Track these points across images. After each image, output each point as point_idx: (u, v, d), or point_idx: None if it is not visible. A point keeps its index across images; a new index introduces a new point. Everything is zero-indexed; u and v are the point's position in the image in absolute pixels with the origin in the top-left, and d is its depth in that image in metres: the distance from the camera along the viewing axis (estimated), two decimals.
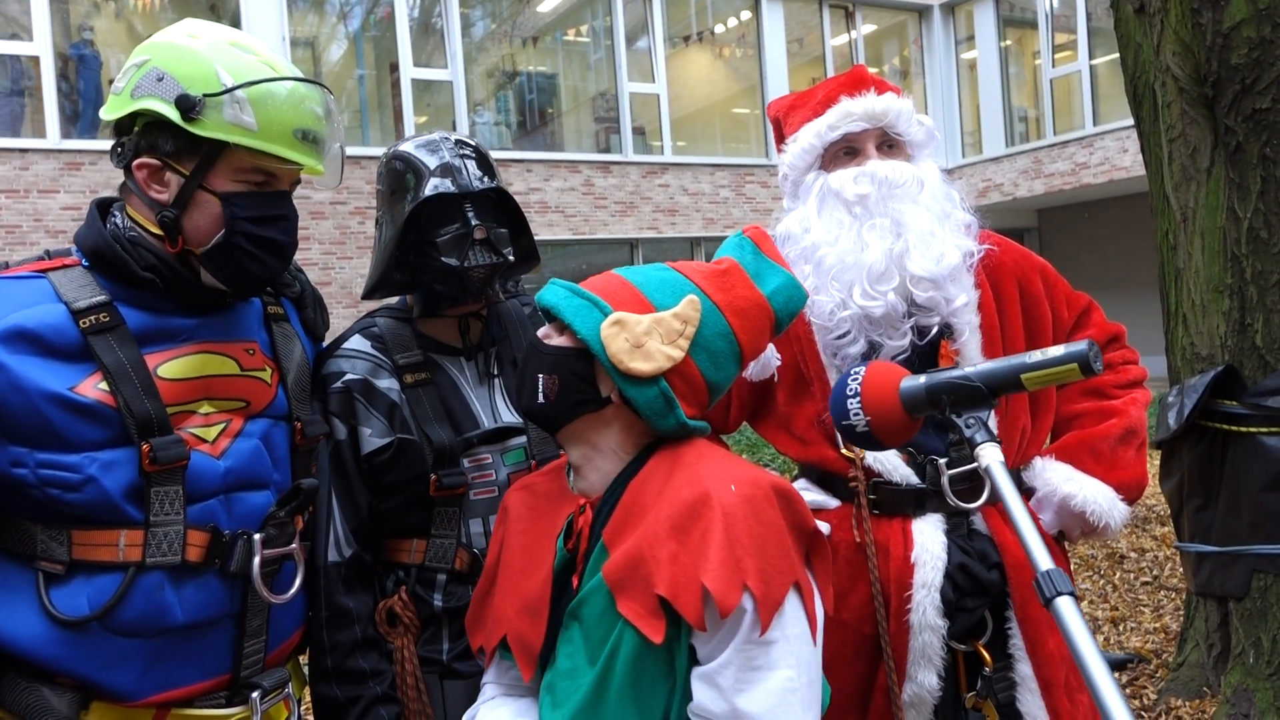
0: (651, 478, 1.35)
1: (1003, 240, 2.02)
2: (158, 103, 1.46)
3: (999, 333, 1.92)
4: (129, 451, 1.44)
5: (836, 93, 1.94)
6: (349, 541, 1.74)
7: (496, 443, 1.81)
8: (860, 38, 16.30)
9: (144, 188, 1.51)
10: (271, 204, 1.54)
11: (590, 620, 1.31)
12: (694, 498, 1.27)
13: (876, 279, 1.82)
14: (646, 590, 1.24)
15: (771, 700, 1.21)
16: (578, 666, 1.31)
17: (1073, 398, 2.04)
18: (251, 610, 1.56)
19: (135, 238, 1.52)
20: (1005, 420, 1.91)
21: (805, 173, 1.98)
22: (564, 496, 1.47)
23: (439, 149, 1.78)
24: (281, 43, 11.60)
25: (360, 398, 1.76)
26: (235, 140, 1.47)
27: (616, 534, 1.32)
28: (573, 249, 14.05)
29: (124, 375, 1.44)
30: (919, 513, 1.82)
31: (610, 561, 1.29)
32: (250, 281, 1.57)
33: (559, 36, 14.91)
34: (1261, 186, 3.10)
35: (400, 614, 1.75)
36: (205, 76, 1.47)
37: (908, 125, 1.93)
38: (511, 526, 1.50)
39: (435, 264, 1.74)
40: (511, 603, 1.43)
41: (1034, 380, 1.16)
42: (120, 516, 1.44)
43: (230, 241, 1.50)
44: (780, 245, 1.96)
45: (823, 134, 1.92)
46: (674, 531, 1.25)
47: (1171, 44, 3.23)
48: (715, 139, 15.94)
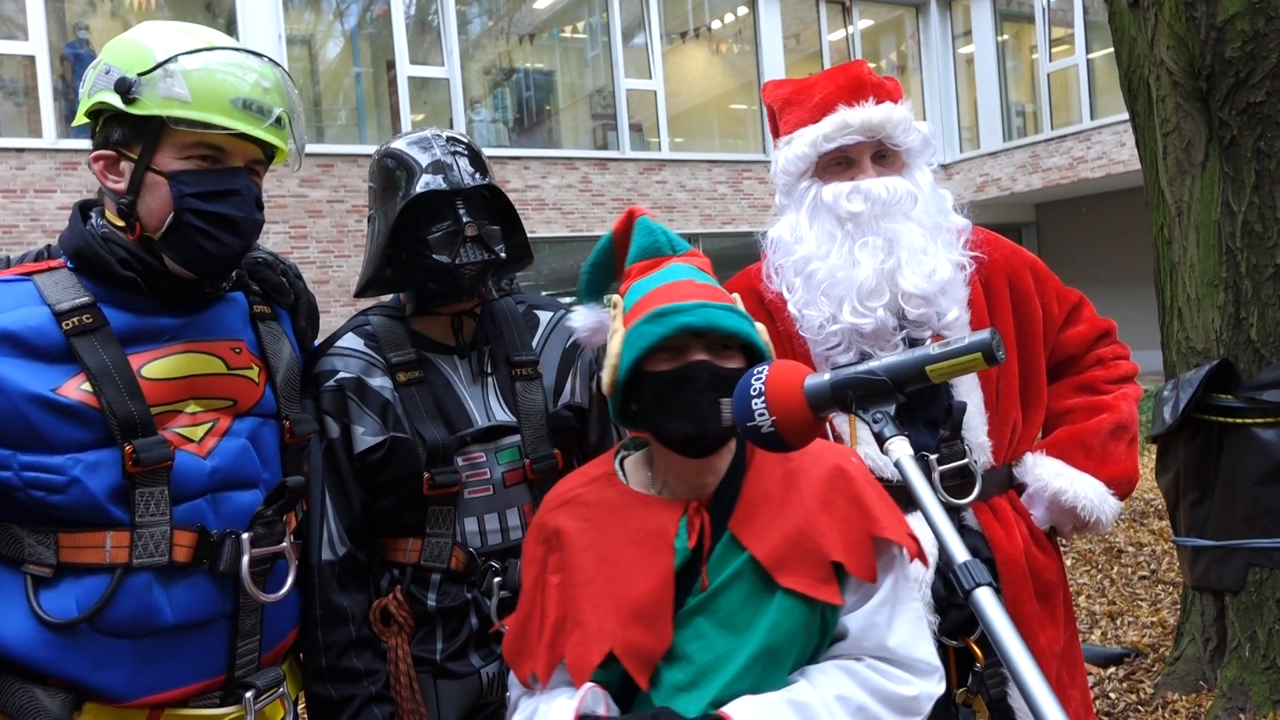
0: (764, 470, 1.45)
1: (994, 237, 2.02)
2: (105, 94, 1.48)
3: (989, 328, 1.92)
4: (113, 453, 1.44)
5: (835, 99, 1.91)
6: (343, 540, 1.74)
7: (490, 441, 1.80)
8: (857, 33, 16.28)
9: (102, 179, 1.52)
10: (219, 180, 1.52)
11: (729, 608, 1.37)
12: (829, 473, 1.43)
13: (867, 295, 1.82)
14: (818, 561, 1.36)
15: (910, 629, 1.40)
16: (718, 655, 1.35)
17: (1064, 393, 2.05)
18: (244, 610, 1.55)
19: (107, 234, 1.52)
20: (996, 416, 1.91)
21: (799, 178, 1.97)
22: (633, 502, 1.46)
23: (430, 146, 1.78)
24: (278, 41, 11.58)
25: (353, 396, 1.75)
26: (170, 113, 1.46)
27: (744, 524, 1.40)
28: (570, 246, 14.04)
29: (107, 376, 1.44)
30: (910, 509, 1.77)
31: (765, 544, 1.37)
32: (209, 261, 1.54)
33: (556, 33, 14.89)
34: (1256, 180, 3.10)
35: (395, 613, 1.74)
36: (142, 58, 1.48)
37: (904, 135, 1.92)
38: (573, 544, 1.44)
39: (427, 261, 1.73)
40: (610, 616, 1.36)
41: (938, 372, 1.13)
42: (106, 518, 1.43)
43: (180, 220, 1.49)
44: (771, 251, 1.98)
45: (818, 144, 1.90)
46: (824, 506, 1.40)
47: (1166, 38, 3.23)
48: (713, 135, 15.93)
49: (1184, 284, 3.40)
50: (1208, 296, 3.29)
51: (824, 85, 1.95)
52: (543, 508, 1.55)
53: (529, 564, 1.52)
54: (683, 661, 1.36)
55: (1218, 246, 3.25)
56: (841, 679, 1.34)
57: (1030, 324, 1.99)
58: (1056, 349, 2.06)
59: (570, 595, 1.42)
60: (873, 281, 1.82)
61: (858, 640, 1.38)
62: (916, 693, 1.35)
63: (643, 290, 1.45)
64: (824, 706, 1.30)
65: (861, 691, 1.32)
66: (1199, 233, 3.31)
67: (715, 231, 14.48)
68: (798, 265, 1.90)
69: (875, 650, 1.37)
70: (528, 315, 1.93)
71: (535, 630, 1.45)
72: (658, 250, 1.54)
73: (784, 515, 1.39)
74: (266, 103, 1.53)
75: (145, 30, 1.54)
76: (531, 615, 1.47)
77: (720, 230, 14.50)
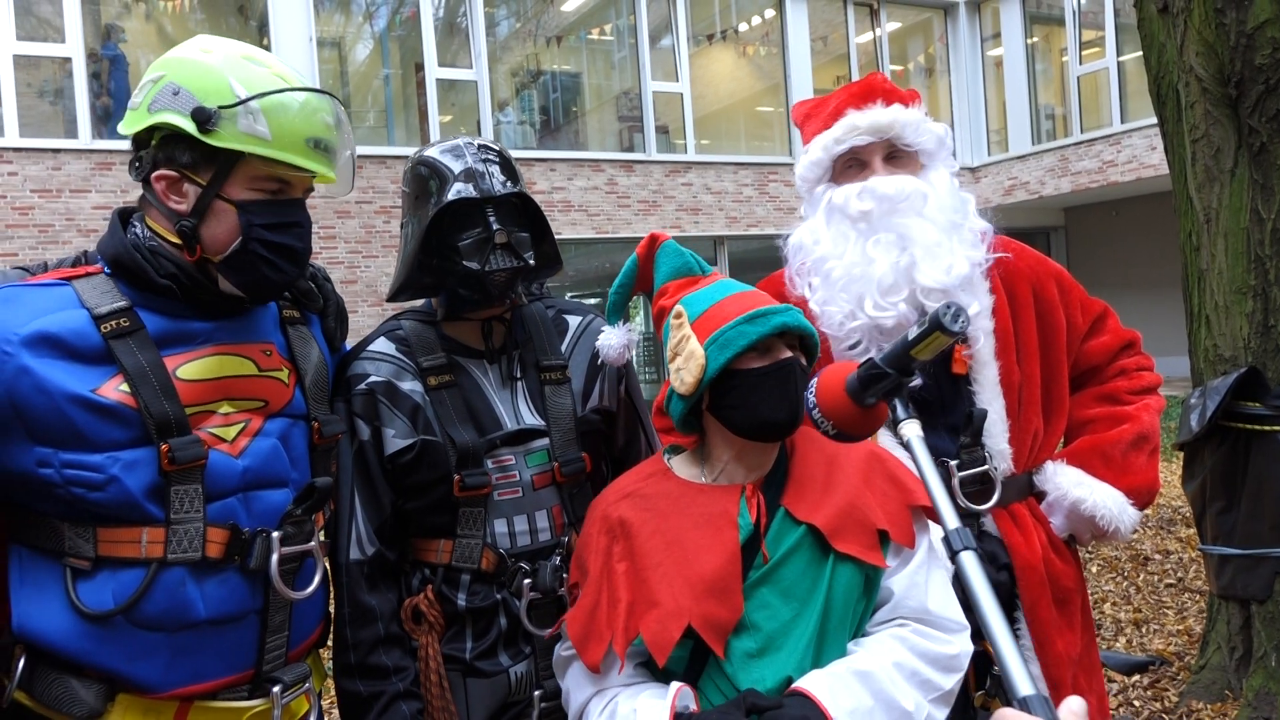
0: (806, 454, 1.63)
1: (1018, 246, 2.04)
2: (175, 116, 1.51)
3: (1013, 338, 1.93)
4: (149, 451, 1.48)
5: (845, 104, 1.98)
6: (371, 540, 1.77)
7: (519, 444, 1.83)
8: (885, 35, 16.22)
9: (163, 199, 1.56)
10: (286, 211, 1.59)
11: (790, 577, 1.51)
12: (866, 456, 1.63)
13: (886, 291, 1.85)
14: (867, 529, 1.53)
15: (943, 590, 1.57)
16: (784, 621, 1.49)
17: (1086, 403, 2.05)
18: (274, 606, 1.59)
19: (155, 247, 1.57)
20: (1018, 424, 1.92)
21: (816, 184, 2.03)
22: (691, 491, 1.61)
23: (463, 154, 1.81)
24: (308, 43, 11.71)
25: (384, 399, 1.79)
26: (250, 150, 1.52)
27: (797, 501, 1.56)
28: (596, 248, 14.09)
29: (143, 377, 1.49)
30: None
31: (820, 516, 1.53)
32: (267, 287, 1.61)
33: (583, 35, 14.95)
34: None
35: (426, 612, 1.77)
36: (219, 89, 1.52)
37: (916, 135, 1.95)
38: (639, 532, 1.57)
39: (457, 268, 1.76)
40: (684, 593, 1.49)
41: (919, 352, 1.24)
42: (142, 514, 1.47)
43: (247, 249, 1.55)
44: (792, 255, 2.02)
45: (829, 147, 1.97)
46: (865, 482, 1.58)
47: (1195, 44, 3.21)
48: (739, 137, 15.93)
49: (1212, 291, 3.38)
50: (1236, 304, 3.28)
51: (839, 96, 2.02)
52: (603, 502, 1.67)
53: (594, 554, 1.61)
54: (751, 631, 1.49)
55: (1246, 254, 3.24)
56: (895, 646, 1.49)
57: (1054, 333, 2.00)
58: (1080, 359, 2.07)
59: (641, 579, 1.53)
60: (890, 277, 1.85)
61: (903, 600, 1.54)
62: (957, 651, 1.53)
63: (708, 300, 1.61)
64: (885, 673, 1.44)
65: (913, 656, 1.49)
66: (1227, 240, 3.29)
67: (741, 234, 14.48)
68: (815, 265, 1.96)
69: (918, 612, 1.54)
70: (556, 320, 1.96)
71: (604, 615, 1.55)
72: (690, 271, 1.72)
73: (832, 492, 1.57)
74: (333, 141, 1.61)
75: (213, 53, 1.57)
76: (600, 602, 1.56)
77: (746, 233, 14.49)
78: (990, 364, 1.91)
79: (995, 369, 1.92)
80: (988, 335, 1.91)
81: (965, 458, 1.86)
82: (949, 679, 1.50)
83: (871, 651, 1.49)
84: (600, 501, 1.68)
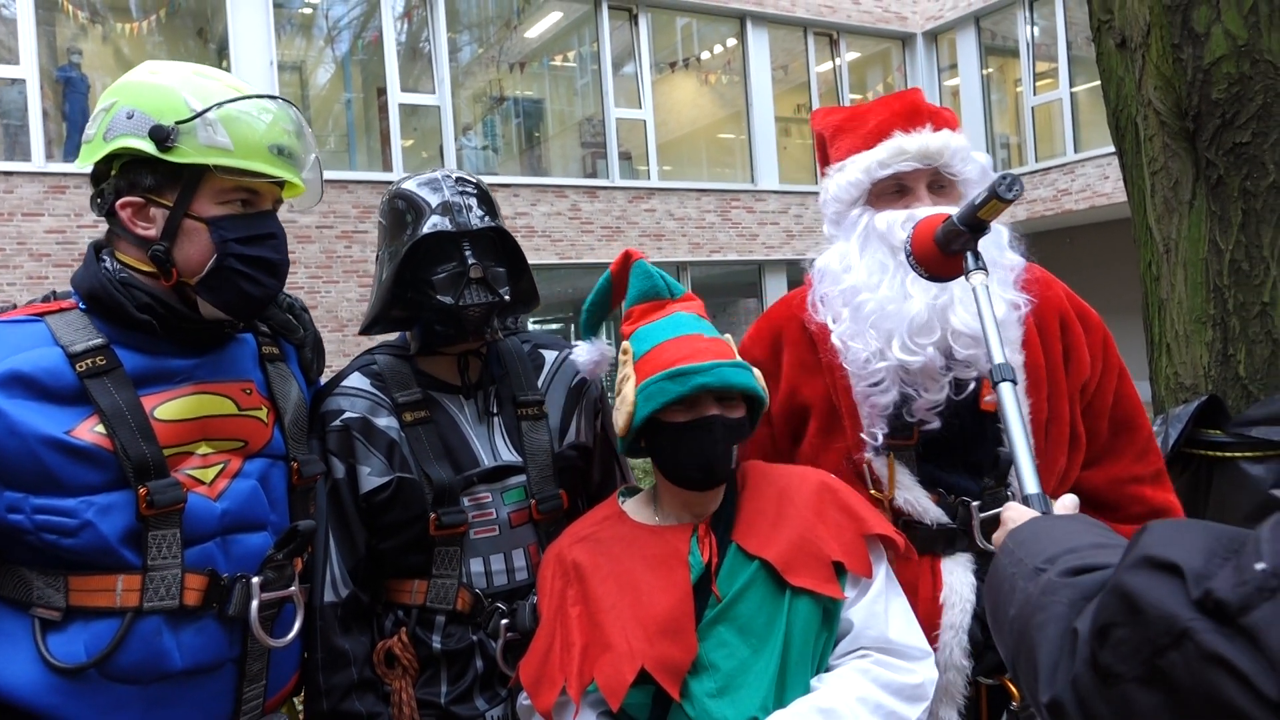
0: (757, 488, 1.64)
1: (1048, 277, 1.95)
2: (132, 139, 1.47)
3: (1044, 374, 1.82)
4: (126, 495, 1.43)
5: (890, 125, 1.82)
6: (346, 582, 1.73)
7: (496, 481, 1.80)
8: (844, 65, 16.45)
9: (130, 226, 1.51)
10: (258, 224, 1.55)
11: (747, 614, 1.51)
12: (816, 486, 1.63)
13: (918, 331, 1.73)
14: (821, 561, 1.53)
15: (903, 618, 1.57)
16: (743, 659, 1.48)
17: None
18: (251, 655, 1.55)
19: (127, 279, 1.52)
20: (1043, 463, 1.81)
21: (850, 206, 1.87)
22: (643, 533, 1.62)
23: (440, 187, 1.79)
24: (269, 67, 11.62)
25: (359, 436, 1.75)
26: (213, 161, 1.48)
27: (748, 536, 1.57)
28: (559, 273, 14.07)
29: (120, 418, 1.44)
30: (949, 551, 1.78)
31: (772, 550, 1.53)
32: (249, 304, 1.57)
33: (546, 62, 14.99)
34: (1242, 219, 3.15)
35: (400, 655, 1.73)
36: (174, 106, 1.48)
37: (962, 164, 1.83)
38: (592, 576, 1.57)
39: (431, 301, 1.74)
40: (637, 635, 1.48)
41: (984, 214, 1.42)
42: (117, 561, 1.43)
43: (223, 265, 1.51)
44: (817, 280, 1.90)
45: (872, 170, 1.81)
46: (817, 515, 1.58)
47: (1153, 78, 3.28)
48: (701, 164, 16.03)
49: (1172, 320, 3.44)
50: (1196, 333, 3.33)
51: (879, 111, 1.87)
52: (558, 545, 1.67)
53: (548, 596, 1.60)
54: (710, 670, 1.48)
55: (1205, 284, 3.30)
56: (858, 679, 1.48)
57: (1076, 371, 1.86)
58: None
59: (595, 622, 1.53)
60: (924, 316, 1.73)
61: (863, 631, 1.53)
62: (921, 679, 1.52)
63: (653, 339, 1.60)
64: (849, 709, 1.44)
65: (877, 688, 1.48)
66: (1187, 270, 3.36)
67: (703, 260, 14.53)
68: (846, 295, 1.82)
69: (879, 642, 1.53)
70: (533, 355, 1.94)
71: (558, 659, 1.54)
72: (657, 294, 1.69)
73: (783, 525, 1.56)
74: (295, 147, 1.58)
75: (162, 74, 1.54)
76: (553, 645, 1.55)
77: (708, 259, 14.56)
78: (1021, 402, 1.78)
79: (1026, 407, 1.79)
80: (1018, 370, 1.78)
81: (988, 499, 1.77)
82: (914, 708, 1.50)
83: (834, 686, 1.48)
84: (556, 545, 1.68)
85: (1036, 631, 0.87)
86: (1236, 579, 0.70)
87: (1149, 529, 0.81)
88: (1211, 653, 0.68)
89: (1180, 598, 0.72)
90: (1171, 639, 0.71)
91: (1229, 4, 3.06)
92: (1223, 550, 0.74)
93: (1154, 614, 0.73)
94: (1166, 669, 0.71)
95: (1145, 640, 0.73)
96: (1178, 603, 0.72)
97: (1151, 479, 1.94)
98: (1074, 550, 0.94)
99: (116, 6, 11.72)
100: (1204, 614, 0.70)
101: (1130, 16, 3.38)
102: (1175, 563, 0.74)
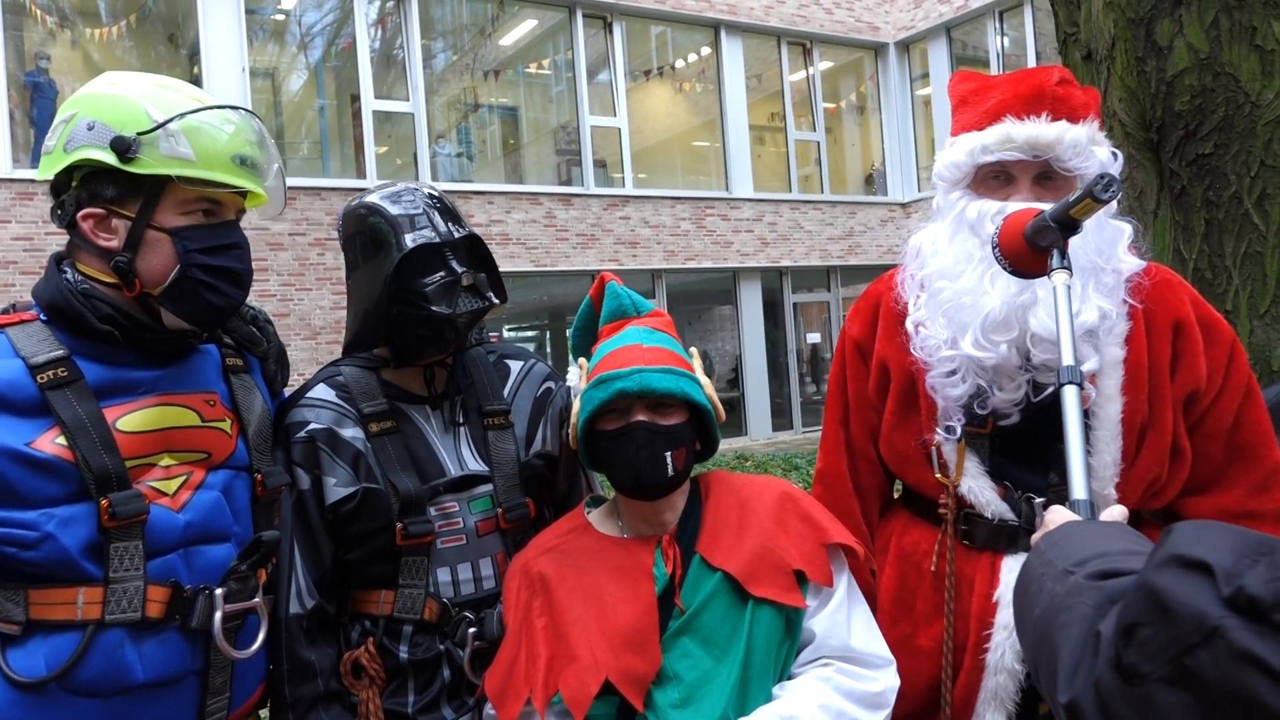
0: (719, 499, 1.64)
1: (1170, 280, 1.78)
2: (93, 150, 1.47)
3: (1145, 373, 1.69)
4: (88, 507, 1.42)
5: (1006, 107, 1.71)
6: (311, 593, 1.72)
7: (463, 490, 1.80)
8: (818, 74, 16.56)
9: (92, 238, 1.50)
10: (222, 234, 1.55)
11: (710, 625, 1.51)
12: (777, 496, 1.64)
13: (993, 328, 1.65)
14: (783, 570, 1.54)
15: (864, 626, 1.58)
16: (706, 670, 1.49)
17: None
18: (215, 667, 1.53)
19: (88, 290, 1.51)
20: (1132, 469, 1.70)
21: (953, 186, 1.79)
22: (608, 545, 1.63)
23: (409, 199, 1.79)
24: (241, 73, 11.54)
25: (324, 447, 1.74)
26: (176, 173, 1.48)
27: (711, 548, 1.57)
28: (534, 280, 14.05)
29: (82, 430, 1.43)
30: (1011, 549, 1.71)
31: (734, 562, 1.54)
32: (212, 314, 1.57)
33: (520, 69, 14.99)
34: (1205, 229, 3.20)
35: (366, 666, 1.72)
36: (135, 117, 1.48)
37: (1076, 158, 1.68)
38: (558, 588, 1.58)
39: (422, 312, 1.73)
40: (601, 647, 1.49)
41: (1078, 213, 1.41)
42: (79, 574, 1.41)
43: (186, 276, 1.51)
44: (910, 258, 1.86)
45: (976, 154, 1.72)
46: (778, 525, 1.59)
47: (1118, 90, 3.33)
48: (676, 172, 16.07)
49: None
50: None
51: (1002, 89, 1.75)
52: (524, 557, 1.68)
53: (513, 608, 1.61)
54: (674, 681, 1.48)
55: None
56: (820, 688, 1.49)
57: (1185, 379, 1.71)
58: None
59: (560, 634, 1.54)
60: (1001, 313, 1.65)
61: (825, 640, 1.54)
62: (883, 687, 1.53)
63: (601, 354, 1.65)
64: (809, 716, 1.45)
65: (838, 696, 1.49)
66: None
67: (678, 267, 14.56)
68: (926, 280, 1.77)
69: (841, 651, 1.54)
70: (498, 364, 1.94)
71: (523, 671, 1.54)
72: (623, 313, 1.74)
73: (745, 536, 1.58)
74: (258, 158, 1.58)
75: (122, 85, 1.54)
76: (518, 657, 1.56)
77: (683, 266, 14.58)
78: (1114, 399, 1.67)
79: (1119, 405, 1.67)
80: (1115, 366, 1.67)
81: (1052, 496, 1.66)
82: (875, 716, 1.51)
83: (796, 695, 1.49)
84: (522, 555, 1.69)
85: (1059, 632, 0.86)
86: (1269, 575, 0.68)
87: (1175, 529, 0.79)
88: (1243, 651, 0.67)
89: (1210, 595, 0.70)
90: (1201, 637, 0.69)
91: (1191, 18, 3.11)
92: (1252, 551, 0.72)
93: (1183, 612, 0.71)
94: (1194, 668, 0.70)
95: (1173, 638, 0.71)
96: (1207, 600, 0.70)
97: (1273, 518, 1.70)
98: (1104, 555, 0.93)
99: (86, 11, 11.60)
100: (1235, 611, 0.69)
101: (1096, 29, 3.44)
102: (1205, 561, 0.72)
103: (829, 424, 1.98)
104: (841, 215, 16.25)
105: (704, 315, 16.22)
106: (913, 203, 16.96)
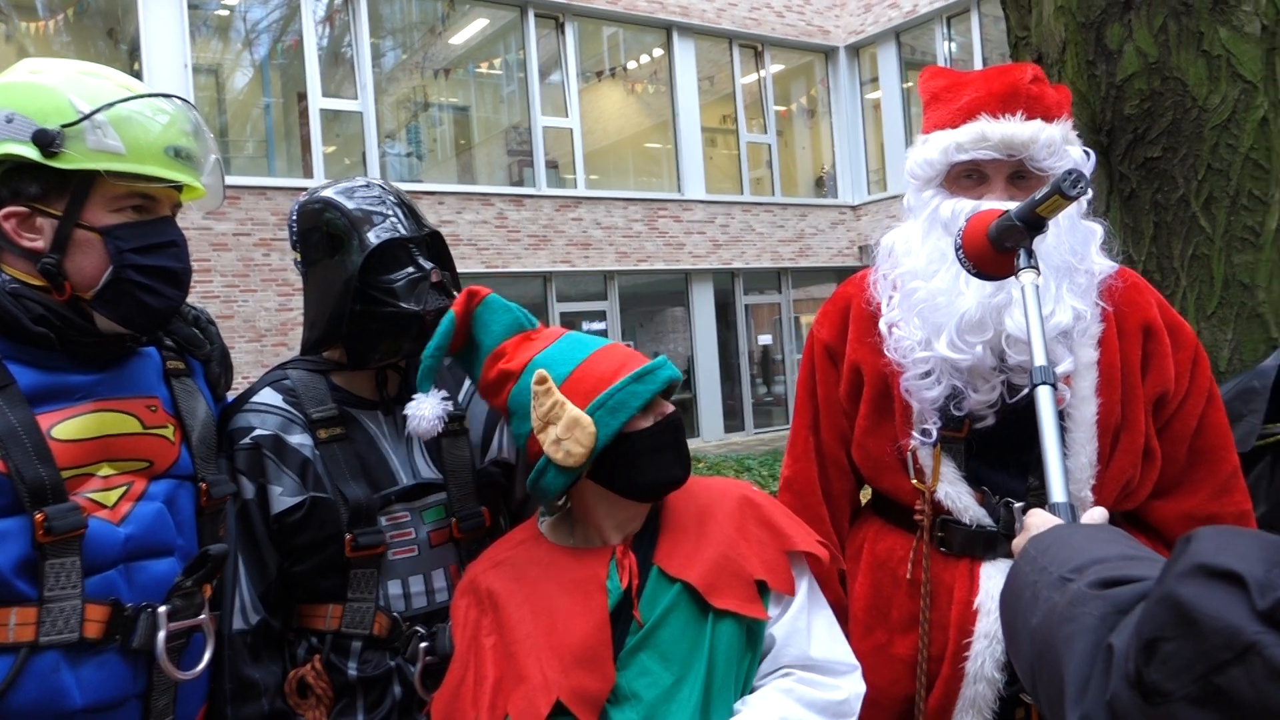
0: (676, 504, 1.56)
1: (1139, 284, 1.81)
2: (13, 144, 1.38)
3: (1119, 374, 1.70)
4: (21, 521, 1.34)
5: (980, 105, 1.69)
6: (256, 608, 1.65)
7: (415, 500, 1.74)
8: (769, 76, 16.65)
9: (15, 238, 1.41)
10: (157, 231, 1.46)
11: (669, 640, 1.43)
12: (737, 501, 1.56)
13: (969, 329, 1.64)
14: (744, 580, 1.47)
15: (826, 633, 1.52)
16: (666, 688, 1.41)
17: None
18: (157, 689, 1.46)
19: (18, 290, 1.42)
20: (1107, 470, 1.71)
21: (926, 185, 1.76)
22: (561, 557, 1.53)
23: (365, 193, 1.73)
24: (183, 69, 11.29)
25: (270, 454, 1.67)
26: (104, 167, 1.39)
27: (669, 558, 1.49)
28: (485, 282, 13.80)
29: (14, 439, 1.34)
30: (989, 556, 1.69)
31: (694, 572, 1.46)
32: (150, 317, 1.48)
33: (471, 69, 14.86)
34: (1154, 231, 3.24)
35: (313, 684, 1.65)
36: (59, 108, 1.39)
37: (1050, 158, 1.66)
38: (507, 604, 1.49)
39: (386, 309, 1.67)
40: (552, 666, 1.41)
41: (1044, 210, 1.37)
42: (10, 593, 1.33)
43: (120, 277, 1.42)
44: (882, 258, 1.84)
45: (949, 153, 1.70)
46: (738, 532, 1.51)
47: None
48: (628, 173, 16.05)
49: None
50: None
51: (976, 87, 1.73)
52: (473, 571, 1.58)
53: (461, 627, 1.52)
54: (632, 700, 1.41)
55: None
56: (781, 700, 1.43)
57: (1154, 381, 1.72)
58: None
59: (509, 653, 1.45)
60: (976, 314, 1.64)
61: (784, 648, 1.48)
62: (846, 695, 1.48)
63: (570, 360, 1.49)
64: None
65: (800, 707, 1.43)
66: None
67: (630, 269, 14.54)
68: (900, 279, 1.75)
69: (801, 659, 1.48)
70: (453, 369, 1.88)
71: (470, 693, 1.45)
72: (521, 327, 1.59)
73: (705, 545, 1.50)
74: (193, 149, 1.48)
75: (44, 73, 1.44)
76: (465, 679, 1.47)
77: (636, 267, 14.57)
78: (1090, 401, 1.67)
79: (1094, 407, 1.67)
80: (1089, 368, 1.68)
81: (1032, 500, 1.66)
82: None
83: (756, 708, 1.42)
84: (471, 570, 1.60)
85: (1063, 645, 0.81)
86: None
87: (1197, 535, 0.74)
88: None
89: (1243, 608, 0.66)
90: (1234, 654, 0.65)
91: (1140, 23, 3.15)
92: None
93: (1212, 626, 0.67)
94: (1226, 686, 0.65)
95: (1201, 655, 0.67)
96: (1240, 614, 0.66)
97: (1233, 520, 1.73)
98: (1103, 561, 0.89)
99: (21, 4, 11.27)
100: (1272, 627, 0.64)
101: (1047, 33, 3.46)
102: (1235, 570, 0.68)
103: (797, 429, 1.94)
104: (792, 217, 16.35)
105: (656, 317, 16.22)
106: (862, 205, 17.12)
